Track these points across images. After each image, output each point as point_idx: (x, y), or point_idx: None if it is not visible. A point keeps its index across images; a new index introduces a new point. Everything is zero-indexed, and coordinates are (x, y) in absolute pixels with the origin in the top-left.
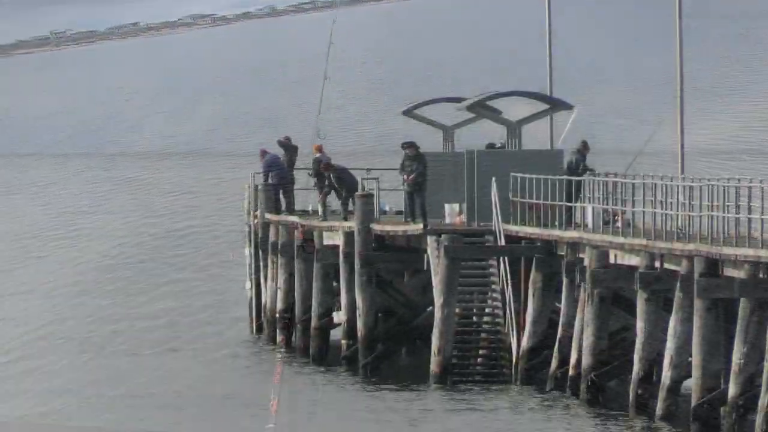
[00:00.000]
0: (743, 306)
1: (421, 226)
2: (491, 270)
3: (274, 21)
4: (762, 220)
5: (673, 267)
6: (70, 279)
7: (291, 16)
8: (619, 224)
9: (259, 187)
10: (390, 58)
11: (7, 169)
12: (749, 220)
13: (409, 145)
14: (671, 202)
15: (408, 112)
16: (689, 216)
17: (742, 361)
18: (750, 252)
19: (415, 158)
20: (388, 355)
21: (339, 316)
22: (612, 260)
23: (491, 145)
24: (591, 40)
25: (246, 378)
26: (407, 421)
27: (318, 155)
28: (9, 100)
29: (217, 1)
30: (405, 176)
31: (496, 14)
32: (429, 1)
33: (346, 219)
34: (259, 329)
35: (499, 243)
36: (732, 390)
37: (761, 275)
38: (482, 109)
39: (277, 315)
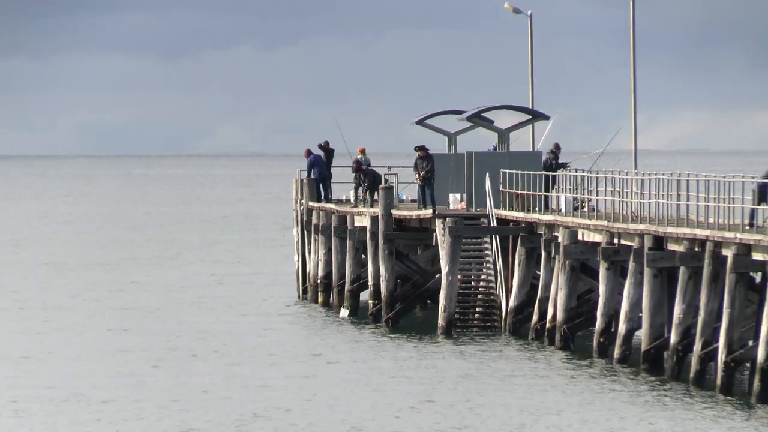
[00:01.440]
0: (682, 273)
1: (430, 211)
2: (485, 245)
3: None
4: (697, 206)
5: (628, 243)
6: (161, 252)
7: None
8: (585, 209)
9: (304, 181)
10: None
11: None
12: (687, 206)
13: (421, 148)
14: (627, 192)
15: (419, 122)
16: (640, 203)
17: (681, 316)
18: (687, 231)
19: (425, 158)
20: (405, 311)
21: (366, 296)
22: (580, 237)
23: (495, 148)
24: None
25: (295, 328)
26: (415, 355)
27: (359, 156)
28: None
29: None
30: (417, 173)
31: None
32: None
33: (372, 206)
34: (304, 292)
35: (491, 224)
36: (673, 339)
37: (696, 249)
38: (478, 119)
39: (318, 281)
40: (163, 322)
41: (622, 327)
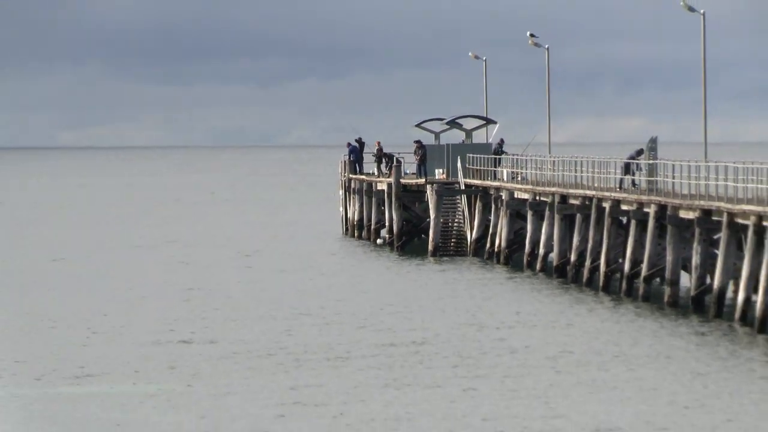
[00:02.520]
0: (579, 219)
1: (424, 180)
2: (458, 201)
3: None
4: (587, 176)
5: (545, 199)
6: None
7: None
8: (519, 179)
9: (346, 161)
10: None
11: None
12: (582, 177)
13: (417, 141)
14: (545, 168)
15: (417, 125)
16: (553, 173)
17: (577, 244)
18: (581, 191)
19: (420, 148)
20: (408, 241)
21: (383, 235)
22: (516, 196)
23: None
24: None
25: (341, 249)
26: (414, 268)
27: (378, 147)
28: None
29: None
30: (416, 156)
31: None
32: None
33: (388, 176)
34: (346, 231)
35: (461, 188)
36: (572, 257)
37: (587, 203)
38: (453, 123)
39: (354, 223)
40: (255, 243)
41: (541, 251)
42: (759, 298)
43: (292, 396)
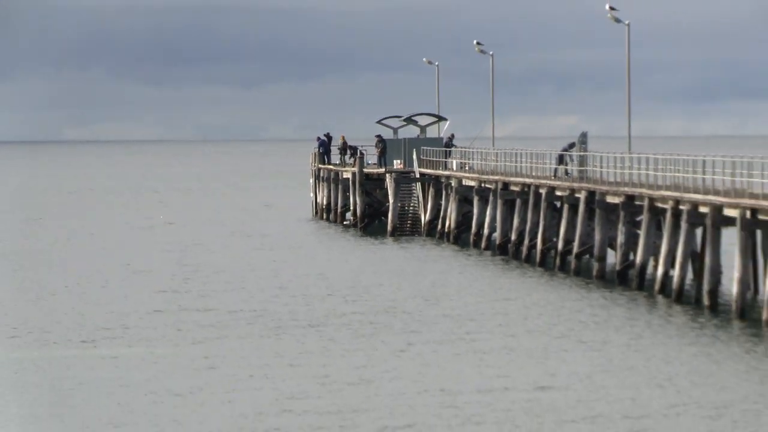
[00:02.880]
0: (518, 203)
1: (384, 169)
2: (413, 188)
3: None
4: (526, 166)
5: (489, 186)
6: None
7: None
8: (466, 168)
9: (316, 153)
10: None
11: None
12: (521, 167)
13: (378, 136)
14: (489, 159)
15: (378, 122)
16: (496, 164)
17: (516, 224)
18: (520, 179)
19: (381, 141)
20: (369, 223)
21: (348, 217)
22: (464, 183)
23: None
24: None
25: (311, 229)
26: (375, 246)
27: (341, 141)
28: None
29: None
30: (377, 149)
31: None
32: None
33: (352, 166)
34: (316, 213)
35: (416, 176)
36: (513, 237)
37: (525, 189)
38: (409, 120)
39: (324, 207)
40: (236, 223)
41: (486, 231)
42: (675, 272)
43: (275, 357)
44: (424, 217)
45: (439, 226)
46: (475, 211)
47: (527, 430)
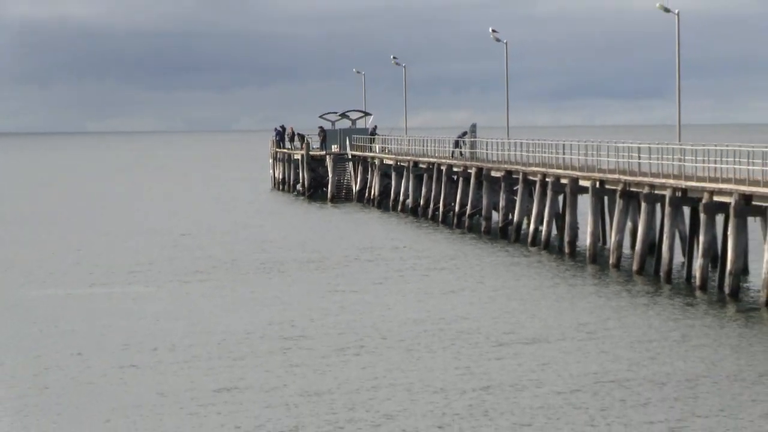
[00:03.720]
0: (425, 177)
1: (324, 152)
2: (347, 165)
3: None
4: (431, 149)
5: (404, 164)
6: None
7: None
8: (387, 150)
9: (273, 140)
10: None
11: None
12: (428, 150)
13: (320, 127)
14: (403, 144)
15: (321, 116)
16: (408, 147)
17: (425, 194)
18: (426, 159)
19: (322, 131)
20: (315, 192)
21: (298, 188)
22: (384, 162)
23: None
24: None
25: (270, 197)
26: (318, 209)
27: (291, 131)
28: None
29: None
30: (319, 137)
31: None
32: None
33: (301, 149)
34: (274, 186)
35: (349, 157)
36: (422, 202)
37: (430, 166)
38: (343, 115)
39: (280, 181)
40: (215, 192)
41: (401, 198)
42: (543, 228)
43: (247, 297)
44: (355, 188)
45: (366, 194)
46: (393, 182)
47: (437, 339)
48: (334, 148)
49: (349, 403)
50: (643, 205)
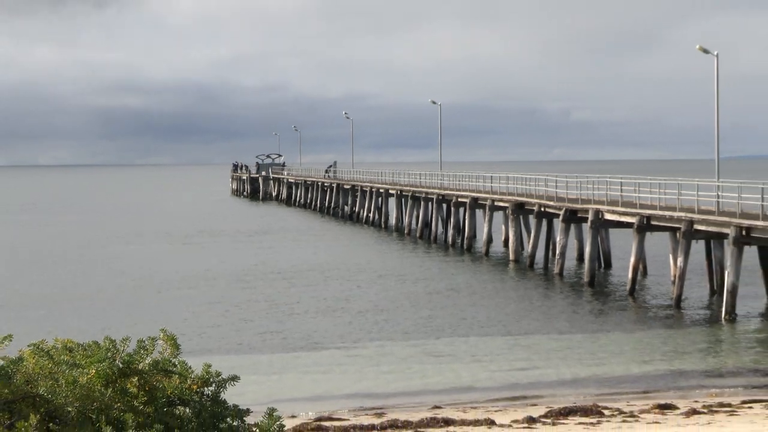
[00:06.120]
0: (311, 188)
1: (258, 175)
2: (270, 182)
3: None
4: (314, 174)
5: (299, 180)
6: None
7: None
8: (289, 173)
9: (232, 169)
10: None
11: None
12: (311, 175)
13: (256, 162)
14: (298, 170)
15: (257, 156)
16: (300, 172)
17: (311, 198)
18: (311, 178)
19: (257, 164)
20: (253, 196)
21: (246, 194)
22: (288, 180)
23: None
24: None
25: (229, 200)
26: (255, 205)
27: (240, 163)
28: None
29: None
30: (256, 167)
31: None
32: None
33: (245, 173)
34: (232, 193)
35: (270, 178)
36: (307, 202)
37: (311, 182)
38: (267, 156)
39: (234, 190)
40: (195, 196)
41: (298, 198)
42: (367, 214)
43: (214, 257)
44: (274, 194)
45: (280, 197)
46: (294, 191)
47: (305, 275)
48: (263, 173)
49: (249, 309)
50: (410, 201)
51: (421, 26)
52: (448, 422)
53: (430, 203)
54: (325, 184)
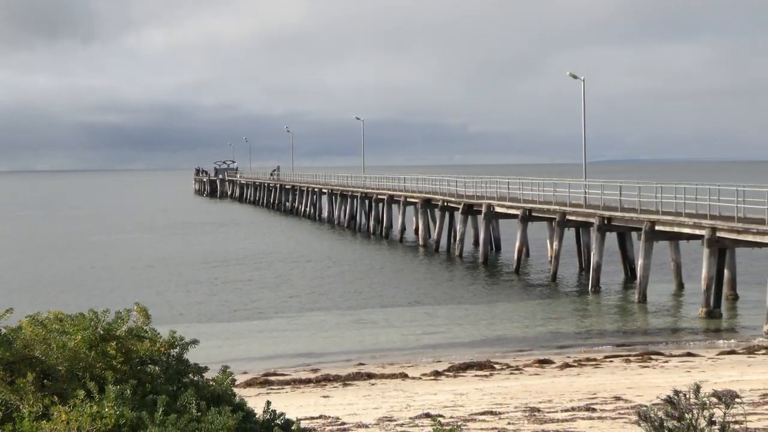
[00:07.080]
0: (260, 188)
1: (216, 178)
2: (226, 183)
3: None
4: (263, 177)
5: (251, 182)
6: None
7: None
8: (241, 176)
9: (194, 173)
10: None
11: None
12: (261, 178)
13: (215, 167)
14: (249, 174)
15: (215, 162)
16: (251, 175)
17: (262, 197)
18: (260, 180)
19: (215, 169)
20: (212, 196)
21: (207, 193)
22: (241, 182)
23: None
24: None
25: (193, 198)
26: (215, 203)
27: (201, 168)
28: None
29: None
30: (214, 171)
31: None
32: None
33: (206, 177)
34: (195, 193)
35: (227, 180)
36: (264, 201)
37: (260, 184)
38: (224, 162)
39: (197, 190)
40: (164, 193)
41: (251, 197)
42: (309, 209)
43: (181, 243)
44: (228, 193)
45: (233, 196)
46: (245, 190)
47: (264, 255)
48: (220, 176)
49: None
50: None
51: (346, 56)
52: (370, 376)
53: (355, 200)
54: (270, 185)
